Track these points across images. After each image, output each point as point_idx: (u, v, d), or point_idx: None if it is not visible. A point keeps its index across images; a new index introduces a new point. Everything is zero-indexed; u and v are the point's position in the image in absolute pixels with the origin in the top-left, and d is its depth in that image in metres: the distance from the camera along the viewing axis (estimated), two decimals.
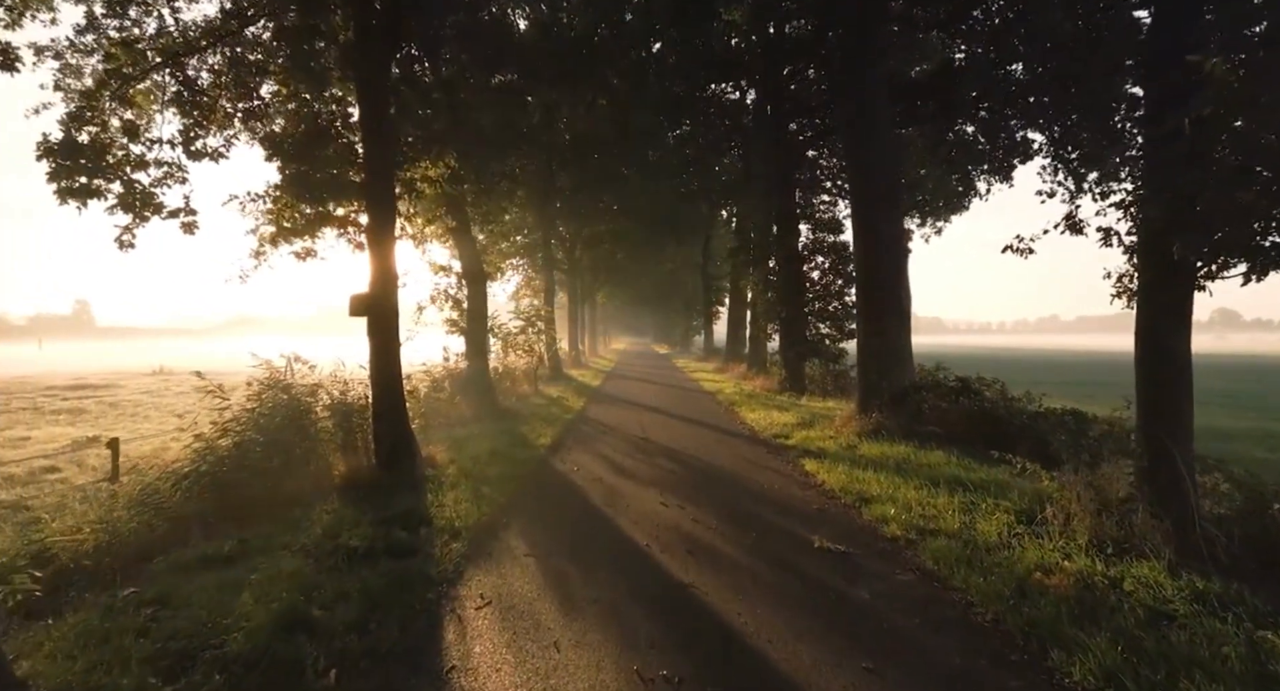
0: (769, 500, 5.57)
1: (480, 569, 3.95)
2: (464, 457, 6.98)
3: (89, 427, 11.08)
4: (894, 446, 7.26)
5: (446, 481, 5.97)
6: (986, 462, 6.36)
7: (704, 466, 7.00)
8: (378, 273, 6.33)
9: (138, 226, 6.56)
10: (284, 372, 6.38)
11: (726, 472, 6.68)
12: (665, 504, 5.44)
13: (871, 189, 8.40)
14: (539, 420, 10.39)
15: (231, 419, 6.00)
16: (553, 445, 8.32)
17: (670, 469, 6.87)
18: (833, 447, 7.64)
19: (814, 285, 15.09)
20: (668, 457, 7.49)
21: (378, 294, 6.33)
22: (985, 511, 4.73)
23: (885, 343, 8.42)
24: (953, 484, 5.50)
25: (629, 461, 7.26)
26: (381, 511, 5.02)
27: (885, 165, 8.45)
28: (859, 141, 8.48)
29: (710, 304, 31.89)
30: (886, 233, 8.40)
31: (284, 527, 4.69)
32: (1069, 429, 7.24)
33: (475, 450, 7.40)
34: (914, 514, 4.86)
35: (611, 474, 6.64)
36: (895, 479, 5.90)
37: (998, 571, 3.66)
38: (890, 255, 8.41)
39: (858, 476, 6.12)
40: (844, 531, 4.65)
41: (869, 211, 8.46)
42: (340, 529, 4.53)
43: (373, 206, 6.20)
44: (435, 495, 5.51)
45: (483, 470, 6.46)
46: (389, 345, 6.40)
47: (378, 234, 6.24)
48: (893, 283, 8.42)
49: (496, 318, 15.08)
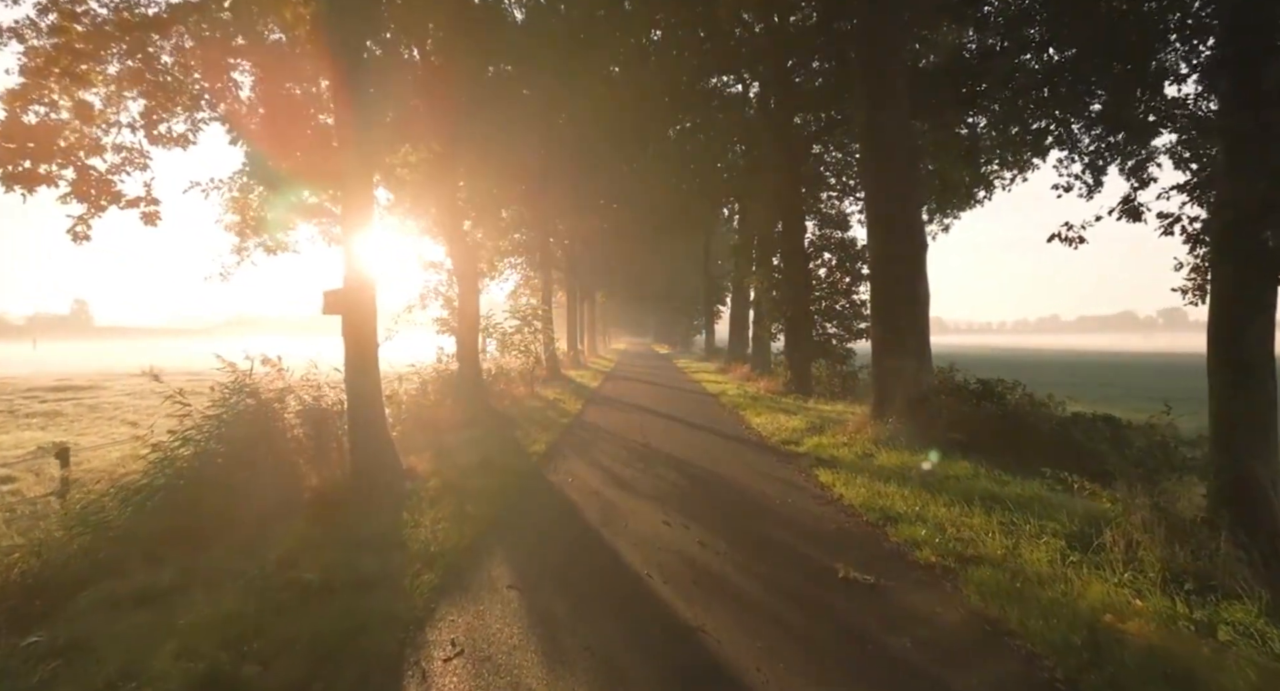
0: (782, 518, 5.03)
1: (455, 605, 3.41)
2: (449, 468, 6.44)
3: (61, 432, 10.54)
4: (914, 455, 6.72)
5: (427, 496, 5.43)
6: (1019, 475, 5.82)
7: (709, 477, 6.47)
8: (353, 267, 5.79)
9: (93, 216, 6.02)
10: (251, 375, 5.84)
11: (734, 484, 6.15)
12: (668, 522, 4.90)
13: (888, 177, 7.86)
14: (534, 425, 9.86)
15: (192, 427, 5.46)
16: (547, 453, 7.78)
17: (673, 480, 6.33)
18: (847, 456, 7.10)
19: (820, 283, 14.58)
20: (670, 467, 6.95)
21: (353, 290, 5.80)
22: (1030, 534, 4.19)
23: (902, 343, 7.88)
24: (987, 500, 4.96)
25: (628, 471, 6.73)
26: (350, 532, 4.49)
27: (903, 152, 7.90)
28: (876, 127, 7.94)
29: (712, 303, 31.38)
30: (904, 223, 7.86)
31: (239, 552, 4.15)
32: (1104, 437, 6.71)
33: (463, 459, 6.87)
34: (948, 536, 4.32)
35: (609, 486, 6.10)
36: (921, 493, 5.36)
37: (1059, 612, 3.12)
38: (908, 247, 7.87)
39: (879, 490, 5.58)
40: (871, 557, 4.11)
41: (885, 201, 7.92)
42: (300, 555, 3.99)
43: (348, 193, 5.66)
44: (413, 513, 4.97)
45: (468, 483, 5.92)
46: (365, 346, 5.87)
47: (353, 224, 5.70)
48: (910, 277, 7.88)
49: (491, 317, 14.56)
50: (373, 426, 5.82)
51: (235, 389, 5.76)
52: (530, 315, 14.94)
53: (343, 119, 5.50)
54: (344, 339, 5.81)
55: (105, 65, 5.81)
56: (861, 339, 14.12)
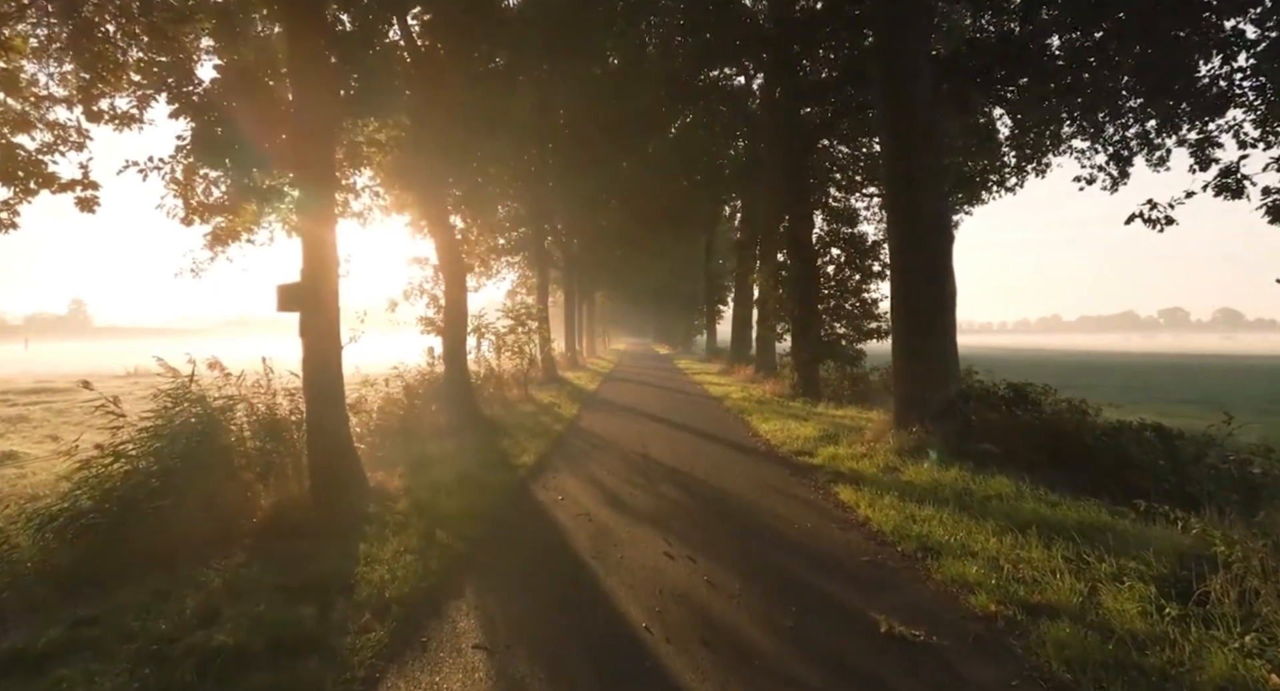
0: (803, 547, 4.33)
1: (405, 676, 2.71)
2: (424, 485, 5.74)
3: (19, 440, 9.84)
4: (945, 470, 6.02)
5: (393, 521, 4.72)
6: (1067, 494, 5.11)
7: (716, 495, 5.76)
8: (312, 258, 5.09)
9: (21, 202, 5.33)
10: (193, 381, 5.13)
11: (745, 504, 5.44)
12: (671, 554, 4.20)
13: (912, 163, 7.16)
14: (524, 432, 9.15)
15: (127, 441, 4.76)
16: (536, 465, 7.08)
17: (676, 499, 5.63)
18: (869, 470, 6.40)
19: (829, 280, 13.85)
20: (672, 482, 6.25)
21: (312, 284, 5.10)
22: (1107, 575, 3.48)
23: (927, 344, 7.18)
24: (1042, 528, 4.25)
25: (626, 488, 6.03)
26: (294, 569, 3.79)
27: (929, 135, 7.20)
28: (898, 108, 7.23)
29: (713, 302, 30.69)
30: (929, 213, 7.16)
31: (156, 597, 3.45)
32: (1157, 450, 6.01)
33: (440, 474, 6.16)
34: (1005, 575, 3.62)
35: (604, 506, 5.40)
36: (961, 518, 4.66)
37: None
38: (933, 240, 7.17)
39: (912, 513, 4.88)
40: (915, 603, 3.41)
41: (908, 189, 7.22)
42: (225, 603, 3.29)
43: (304, 173, 4.97)
44: (373, 543, 4.27)
45: (443, 503, 5.21)
46: (326, 347, 5.17)
47: (311, 208, 5.01)
48: (936, 273, 7.18)
49: (484, 316, 13.85)
50: (334, 439, 5.12)
51: (178, 397, 5.06)
52: (524, 314, 14.24)
53: (300, 87, 4.81)
54: (302, 339, 5.11)
55: (32, 26, 5.13)
56: (873, 339, 13.44)
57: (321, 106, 4.86)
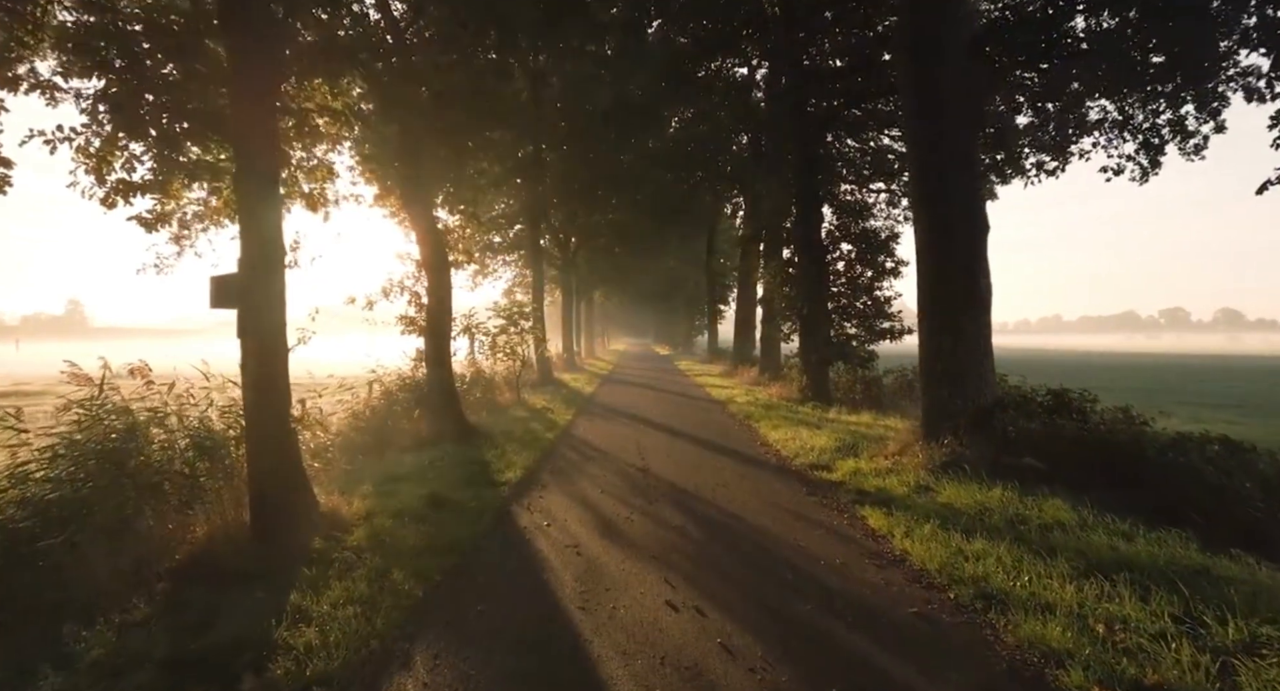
0: (836, 595, 3.56)
1: None
2: (388, 508, 4.97)
3: None
4: (988, 490, 5.25)
5: (341, 559, 3.95)
6: (1140, 522, 4.35)
7: (726, 520, 5.00)
8: (252, 245, 4.32)
9: None
10: (105, 389, 4.37)
11: (759, 532, 4.68)
12: (674, 603, 3.44)
13: (942, 146, 6.40)
14: (513, 442, 8.39)
15: (29, 461, 4.00)
16: (522, 482, 6.32)
17: (679, 525, 4.87)
18: (899, 489, 5.63)
19: (839, 277, 13.08)
20: (674, 503, 5.49)
21: (252, 276, 4.33)
22: (1237, 645, 2.72)
23: (960, 345, 6.42)
24: (1128, 571, 3.48)
25: (622, 510, 5.26)
26: (201, 631, 3.03)
27: (962, 114, 6.44)
28: (924, 82, 6.47)
29: (715, 302, 29.92)
30: (961, 198, 6.40)
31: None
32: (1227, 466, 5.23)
33: (410, 494, 5.39)
34: (1099, 641, 2.85)
35: (596, 534, 4.64)
36: (1022, 554, 3.90)
37: None
38: (966, 230, 6.41)
39: (959, 546, 4.11)
40: (990, 681, 2.65)
41: (938, 176, 6.46)
42: (85, 688, 2.53)
43: (241, 145, 4.21)
44: (310, 591, 3.50)
45: (408, 533, 4.45)
46: (270, 351, 4.40)
47: (250, 187, 4.24)
48: (969, 267, 6.42)
49: (474, 316, 13.09)
50: (278, 459, 4.35)
51: (92, 410, 4.30)
52: (517, 313, 13.46)
53: (232, 37, 4.05)
54: (241, 341, 4.35)
55: None
56: (885, 340, 12.67)
57: (259, 64, 4.11)
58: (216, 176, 5.02)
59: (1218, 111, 10.64)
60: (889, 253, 12.88)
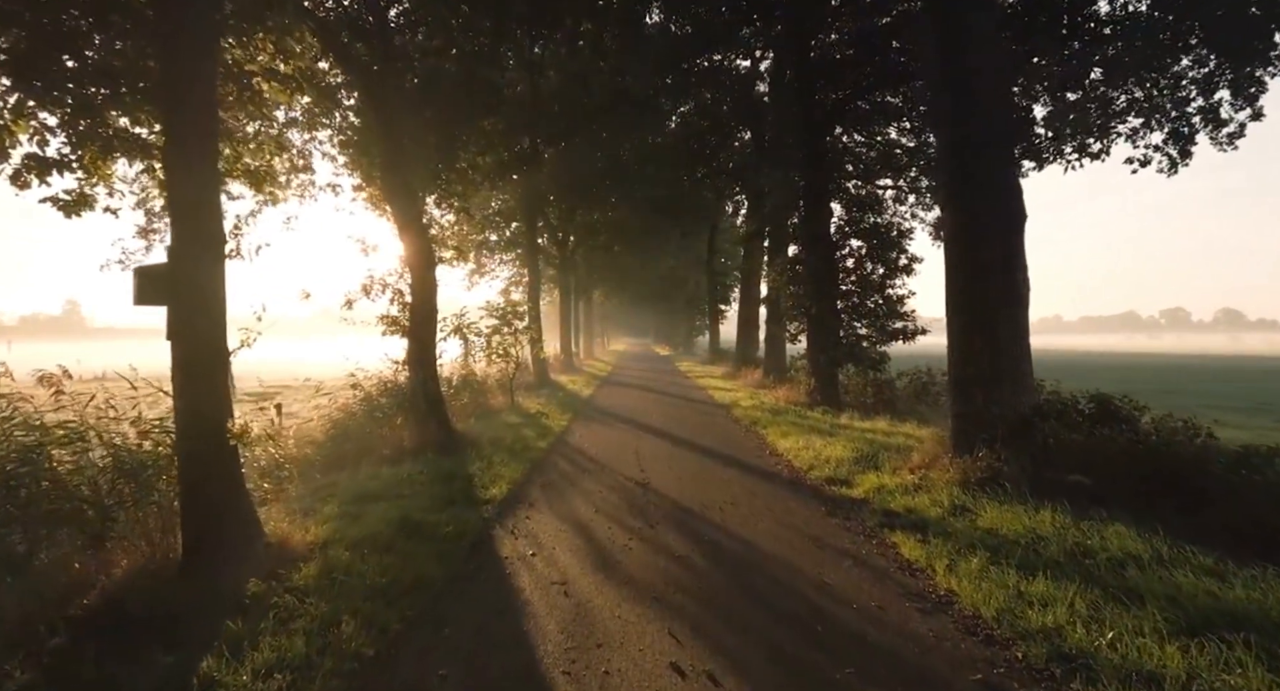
0: (876, 652, 2.92)
1: None
2: (349, 536, 4.32)
3: None
4: (1035, 512, 4.61)
5: (282, 605, 3.30)
6: (1226, 555, 3.70)
7: (737, 549, 4.35)
8: (185, 231, 3.68)
9: None
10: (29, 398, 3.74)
11: (777, 565, 4.04)
12: (679, 666, 2.80)
13: (975, 127, 5.76)
14: (502, 451, 7.74)
15: None
16: (508, 500, 5.68)
17: (683, 555, 4.22)
18: (931, 510, 4.99)
19: (848, 275, 12.43)
20: (678, 526, 4.84)
21: (184, 268, 3.69)
22: None
23: (994, 347, 5.78)
24: (1236, 625, 2.84)
25: (619, 536, 4.62)
26: None
27: (998, 92, 5.80)
28: (955, 55, 5.82)
29: (716, 302, 29.30)
30: (995, 182, 5.75)
31: None
32: None
33: (378, 517, 4.74)
34: None
35: (588, 568, 3.99)
36: (1096, 597, 3.26)
37: None
38: (1003, 218, 5.77)
39: (1016, 585, 3.47)
40: None
41: (971, 157, 5.82)
42: None
43: (172, 113, 3.57)
44: (234, 650, 2.85)
45: (367, 569, 3.80)
46: (207, 356, 3.76)
47: (182, 161, 3.60)
48: (1005, 261, 5.78)
49: (465, 315, 12.42)
50: (213, 480, 3.71)
51: None
52: (510, 313, 12.80)
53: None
54: (171, 344, 3.70)
55: None
56: (898, 340, 12.03)
57: (193, 17, 3.46)
58: (147, 152, 4.37)
59: (1255, 97, 10.01)
60: (901, 249, 12.26)
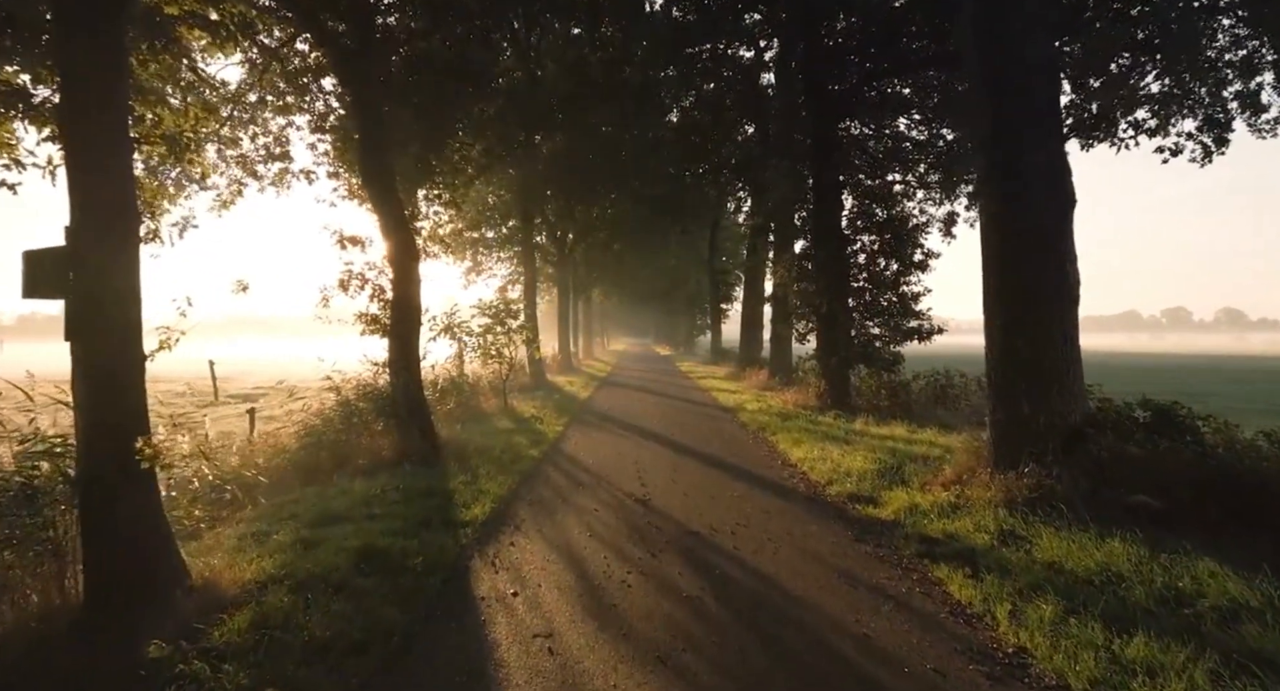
0: None
1: None
2: (297, 574, 3.65)
3: None
4: (1100, 541, 3.94)
5: (189, 676, 2.63)
6: None
7: (755, 587, 3.69)
8: (87, 207, 3.02)
9: None
10: None
11: (803, 609, 3.38)
12: None
13: (1017, 105, 5.10)
14: (489, 461, 7.08)
15: None
16: (491, 521, 5.01)
17: (692, 595, 3.56)
18: (977, 536, 4.32)
19: (860, 271, 11.76)
20: (684, 556, 4.18)
21: (85, 252, 3.03)
22: None
23: (1040, 348, 5.12)
24: None
25: (615, 569, 3.96)
26: None
27: (1043, 65, 5.13)
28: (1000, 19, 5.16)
29: (718, 301, 28.63)
30: (1043, 165, 5.09)
31: None
32: None
33: (334, 548, 4.07)
34: None
35: (578, 613, 3.33)
36: (1210, 662, 2.59)
37: None
38: (1051, 202, 5.11)
39: (1106, 644, 2.80)
40: None
41: (1011, 140, 5.16)
42: None
43: (68, 62, 2.91)
44: None
45: (310, 619, 3.13)
46: (117, 360, 3.10)
47: (82, 122, 2.94)
48: (1055, 247, 5.12)
49: (456, 314, 11.75)
50: (124, 510, 3.05)
51: None
52: (504, 311, 12.12)
53: None
54: (71, 346, 3.04)
55: None
56: (912, 340, 11.36)
57: None
58: (25, 108, 3.68)
59: None
60: (916, 243, 11.59)
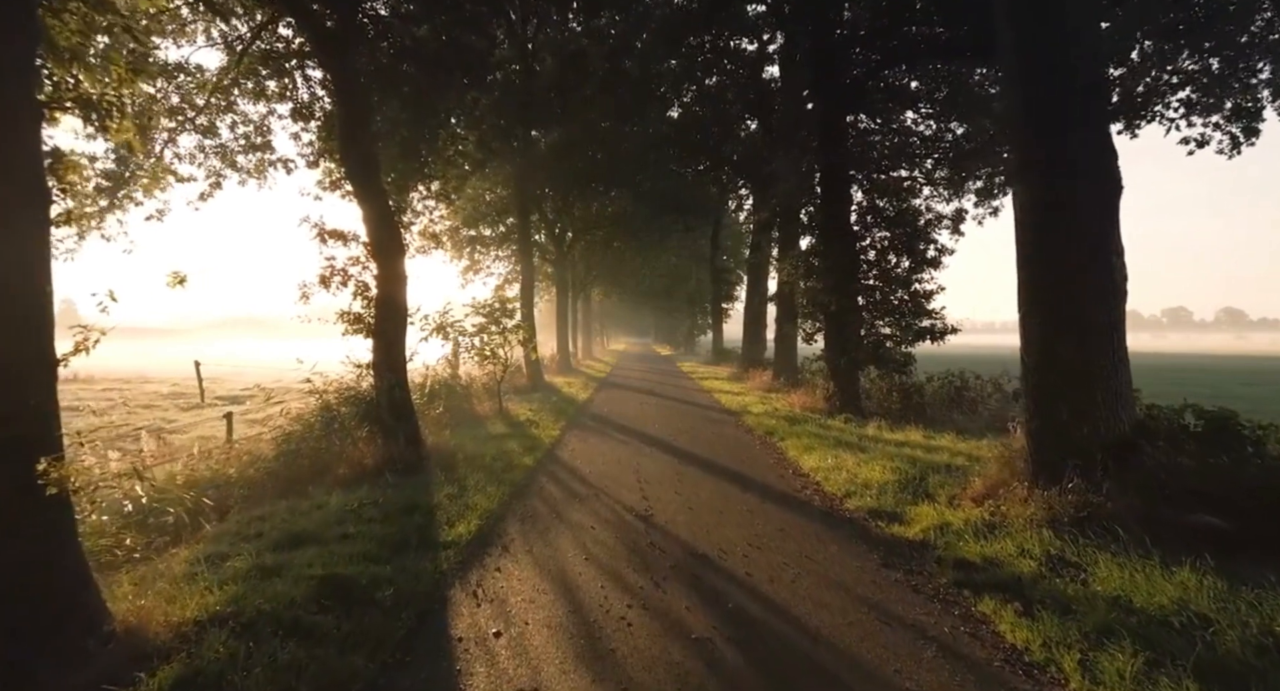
0: None
1: None
2: (245, 612, 3.15)
3: None
4: (1169, 571, 3.45)
5: None
6: None
7: (775, 625, 3.20)
8: None
9: None
10: None
11: (831, 657, 2.89)
12: None
13: (1057, 88, 4.60)
14: (479, 471, 6.59)
15: None
16: (476, 542, 4.52)
17: (702, 637, 3.07)
18: (1021, 562, 3.83)
19: (870, 268, 11.27)
20: (691, 585, 3.69)
21: None
22: None
23: (1085, 349, 4.63)
24: None
25: (614, 602, 3.47)
26: None
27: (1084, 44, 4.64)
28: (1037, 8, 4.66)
29: (720, 300, 28.14)
30: (1088, 148, 4.60)
31: None
32: None
33: (293, 578, 3.58)
34: None
35: (569, 662, 2.84)
36: None
37: None
38: (1096, 189, 4.62)
39: None
40: None
41: (1051, 122, 4.66)
42: None
43: None
44: None
45: (250, 673, 2.64)
46: (14, 364, 2.61)
47: None
48: (1100, 239, 4.63)
49: (449, 313, 11.27)
50: (25, 545, 2.56)
51: None
52: (499, 310, 11.63)
53: None
54: None
55: None
56: (924, 340, 10.86)
57: None
58: None
59: None
60: (929, 239, 11.10)
